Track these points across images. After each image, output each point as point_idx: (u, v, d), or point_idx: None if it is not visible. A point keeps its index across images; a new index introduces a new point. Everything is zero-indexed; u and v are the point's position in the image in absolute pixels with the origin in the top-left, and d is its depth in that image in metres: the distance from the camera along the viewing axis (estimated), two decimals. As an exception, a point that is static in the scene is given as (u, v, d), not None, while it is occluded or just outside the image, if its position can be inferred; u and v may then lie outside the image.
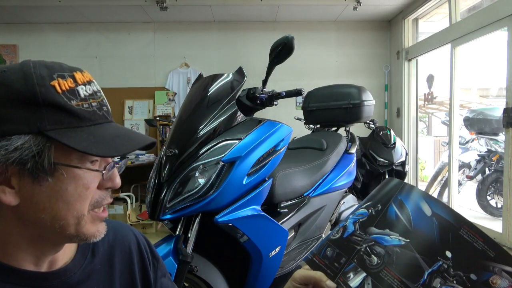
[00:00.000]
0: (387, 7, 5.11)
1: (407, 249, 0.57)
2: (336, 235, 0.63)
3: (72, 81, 0.56)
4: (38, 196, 0.54)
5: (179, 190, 1.42)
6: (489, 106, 6.51)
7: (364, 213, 0.63)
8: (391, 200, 0.62)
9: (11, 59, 5.56)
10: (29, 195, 0.54)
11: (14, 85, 0.52)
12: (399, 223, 0.60)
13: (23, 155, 0.51)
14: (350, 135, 2.65)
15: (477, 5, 4.22)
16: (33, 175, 0.53)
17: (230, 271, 1.62)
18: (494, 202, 4.46)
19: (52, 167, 0.54)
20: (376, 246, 0.58)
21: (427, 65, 5.86)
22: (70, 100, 0.55)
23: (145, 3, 4.77)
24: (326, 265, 0.60)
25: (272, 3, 4.84)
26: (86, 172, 0.57)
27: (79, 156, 0.56)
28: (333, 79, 5.43)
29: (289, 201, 1.96)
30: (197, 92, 1.63)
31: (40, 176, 0.53)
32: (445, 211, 0.59)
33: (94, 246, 0.68)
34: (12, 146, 0.51)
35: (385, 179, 0.68)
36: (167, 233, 2.82)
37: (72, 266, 0.63)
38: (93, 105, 0.58)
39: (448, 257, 0.55)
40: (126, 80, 5.61)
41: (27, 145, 0.52)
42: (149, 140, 0.63)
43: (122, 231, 0.74)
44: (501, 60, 3.43)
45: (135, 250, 0.74)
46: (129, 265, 0.72)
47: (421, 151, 6.41)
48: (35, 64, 0.57)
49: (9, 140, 0.51)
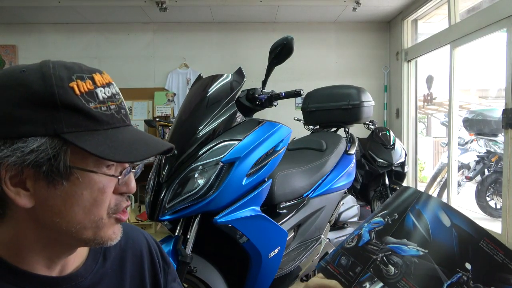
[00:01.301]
0: (386, 8, 5.11)
1: (426, 259, 0.56)
2: (351, 243, 0.61)
3: (91, 83, 0.56)
4: (53, 200, 0.53)
5: (179, 191, 1.41)
6: (488, 107, 6.51)
7: (380, 221, 0.62)
8: (408, 209, 0.61)
9: (11, 60, 5.56)
10: (44, 198, 0.53)
11: (33, 85, 0.51)
12: (417, 233, 0.59)
13: (39, 158, 0.50)
14: (349, 136, 2.65)
15: (476, 6, 4.23)
16: (48, 178, 0.52)
17: (230, 271, 1.62)
18: (493, 203, 4.46)
19: (67, 170, 0.52)
20: (393, 256, 0.57)
21: (426, 66, 5.87)
22: (88, 103, 0.54)
23: (144, 4, 4.77)
24: (341, 274, 0.59)
25: (272, 3, 4.84)
26: (101, 176, 0.55)
27: (95, 160, 0.54)
28: (332, 80, 5.43)
29: (289, 201, 1.96)
30: (197, 92, 1.63)
31: (56, 179, 0.52)
32: (465, 222, 0.58)
33: (105, 250, 0.67)
34: (28, 148, 0.50)
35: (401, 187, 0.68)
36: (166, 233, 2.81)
37: (84, 271, 0.62)
38: (111, 108, 0.57)
39: (467, 269, 0.54)
40: (125, 80, 5.60)
41: (43, 148, 0.50)
42: (166, 145, 0.61)
43: (133, 235, 0.73)
44: (500, 61, 3.43)
45: (146, 254, 0.73)
46: (139, 269, 0.71)
47: (421, 152, 6.42)
48: (54, 65, 0.56)
49: (25, 142, 0.50)
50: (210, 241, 1.65)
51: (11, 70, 0.54)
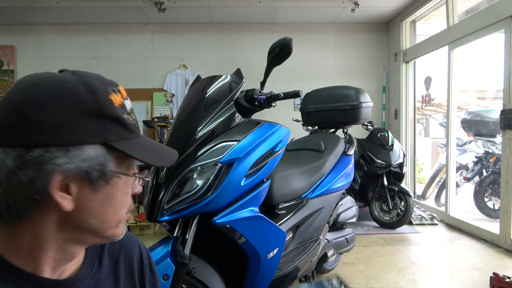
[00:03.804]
0: (385, 9, 5.12)
1: None
2: None
3: (121, 96, 0.60)
4: (93, 203, 0.57)
5: (177, 192, 1.41)
6: (486, 108, 6.52)
7: None
8: None
9: (9, 60, 5.55)
10: (85, 202, 0.56)
11: (83, 97, 0.55)
12: None
13: (91, 164, 0.55)
14: (348, 137, 2.65)
15: (474, 8, 4.24)
16: (94, 183, 0.56)
17: (228, 272, 1.61)
18: (491, 204, 4.47)
19: (111, 175, 0.58)
20: None
21: (424, 67, 5.88)
22: (123, 114, 0.59)
23: (143, 5, 4.77)
24: None
25: (271, 4, 4.85)
26: (129, 179, 0.62)
27: (128, 165, 0.61)
28: (331, 81, 5.44)
29: (287, 202, 1.96)
30: (195, 93, 1.63)
31: (100, 183, 0.57)
32: None
33: (101, 256, 0.69)
34: (84, 155, 0.54)
35: None
36: (165, 234, 2.80)
37: (81, 275, 0.64)
38: (134, 119, 0.62)
39: None
40: (124, 81, 5.58)
41: (95, 155, 0.55)
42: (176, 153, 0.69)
43: (127, 242, 0.76)
44: (498, 62, 3.44)
45: (137, 262, 0.76)
46: (131, 276, 0.74)
47: (419, 153, 6.43)
48: (90, 76, 0.59)
49: (81, 149, 0.54)
50: (209, 242, 1.65)
51: (52, 80, 0.55)
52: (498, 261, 3.01)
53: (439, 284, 2.58)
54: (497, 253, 3.20)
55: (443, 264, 2.96)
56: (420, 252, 3.27)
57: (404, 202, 3.92)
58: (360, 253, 3.23)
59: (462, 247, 3.38)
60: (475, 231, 3.72)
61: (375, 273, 2.78)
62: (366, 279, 2.65)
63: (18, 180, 0.52)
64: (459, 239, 3.64)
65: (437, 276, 2.72)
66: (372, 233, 3.89)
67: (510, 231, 3.23)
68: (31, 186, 0.52)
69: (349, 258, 3.08)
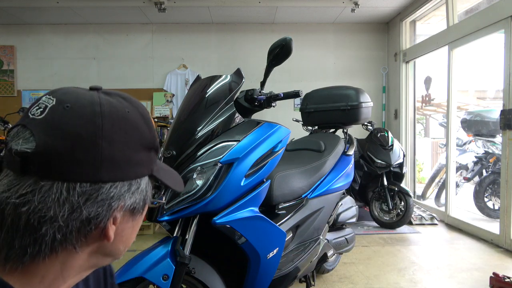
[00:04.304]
0: (385, 9, 5.12)
1: None
2: None
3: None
4: (127, 230, 0.56)
5: (177, 192, 1.41)
6: (486, 108, 6.52)
7: None
8: None
9: (9, 60, 5.55)
10: (122, 230, 0.55)
11: (144, 130, 0.54)
12: None
13: (140, 198, 0.54)
14: (348, 137, 2.65)
15: (474, 8, 4.24)
16: (135, 212, 0.55)
17: (228, 272, 1.61)
18: (491, 204, 4.47)
19: (146, 203, 0.57)
20: None
21: (424, 67, 5.88)
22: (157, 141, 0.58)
23: (143, 5, 4.77)
24: None
25: (271, 4, 4.85)
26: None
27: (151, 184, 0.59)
28: (331, 81, 5.44)
29: (287, 202, 1.96)
30: (195, 93, 1.63)
31: (140, 212, 0.56)
32: None
33: None
34: (140, 188, 0.54)
35: None
36: (164, 234, 2.81)
37: None
38: None
39: None
40: (124, 81, 5.60)
41: (145, 187, 0.55)
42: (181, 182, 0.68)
43: None
44: (498, 62, 3.44)
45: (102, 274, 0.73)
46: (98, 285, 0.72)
47: (419, 153, 6.43)
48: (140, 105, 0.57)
49: (139, 183, 0.53)
50: (209, 242, 1.65)
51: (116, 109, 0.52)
52: (498, 261, 3.01)
53: (439, 284, 2.58)
54: (497, 253, 3.20)
55: (443, 264, 2.96)
56: (420, 252, 3.27)
57: (404, 202, 3.92)
58: (360, 253, 3.23)
59: (462, 247, 3.38)
60: (475, 231, 3.72)
61: (375, 273, 2.78)
62: (366, 279, 2.65)
63: (79, 216, 0.48)
64: (459, 239, 3.64)
65: (437, 276, 2.72)
66: (372, 233, 3.89)
67: (510, 231, 3.23)
68: (91, 221, 0.49)
69: (349, 258, 3.08)
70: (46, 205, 0.46)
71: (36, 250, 0.48)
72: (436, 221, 4.21)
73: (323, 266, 2.60)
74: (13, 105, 5.23)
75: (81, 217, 0.48)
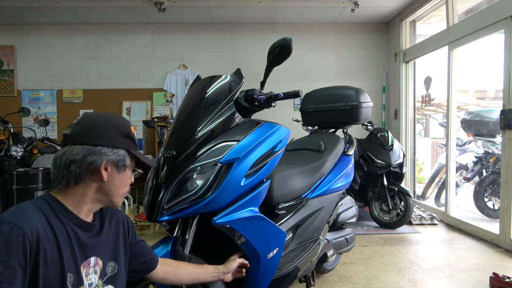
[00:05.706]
0: (384, 9, 5.13)
1: None
2: None
3: (133, 128, 1.14)
4: (115, 179, 1.07)
5: (177, 192, 1.41)
6: (486, 108, 6.52)
7: None
8: None
9: (9, 60, 5.55)
10: (112, 178, 1.07)
11: (120, 125, 1.10)
12: None
13: (120, 159, 1.07)
14: (348, 137, 2.65)
15: (474, 8, 4.24)
16: (119, 169, 1.07)
17: (228, 272, 1.61)
18: (491, 204, 4.47)
19: (127, 166, 1.10)
20: None
21: (424, 67, 5.88)
22: (134, 136, 1.13)
23: (143, 5, 4.77)
24: None
25: (270, 4, 4.85)
26: (130, 172, 1.13)
27: (133, 162, 1.13)
28: (331, 81, 5.45)
29: (287, 202, 1.96)
30: (195, 93, 1.63)
31: (121, 170, 1.08)
32: None
33: (102, 217, 1.15)
34: (118, 153, 1.06)
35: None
36: (164, 234, 2.81)
37: (96, 222, 1.11)
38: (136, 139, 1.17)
39: None
40: (124, 81, 5.60)
41: (122, 155, 1.08)
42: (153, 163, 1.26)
43: (117, 213, 1.23)
44: (498, 63, 3.44)
45: (122, 224, 1.22)
46: (118, 228, 1.19)
47: (419, 153, 6.43)
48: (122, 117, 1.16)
49: (117, 150, 1.06)
50: (209, 242, 1.65)
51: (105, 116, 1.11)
52: (497, 261, 3.01)
53: (439, 284, 2.58)
54: (497, 253, 3.20)
55: (443, 264, 2.96)
56: (420, 252, 3.27)
57: (404, 202, 3.92)
58: (360, 253, 3.23)
59: (462, 247, 3.38)
60: (475, 231, 3.73)
61: (375, 273, 2.78)
62: (366, 279, 2.66)
63: (86, 161, 1.01)
64: (458, 239, 3.64)
65: (437, 276, 2.72)
66: (372, 233, 3.89)
67: (510, 231, 3.23)
68: (91, 164, 1.02)
69: (349, 258, 3.08)
70: (72, 155, 1.01)
71: (68, 178, 1.02)
72: (436, 221, 4.21)
73: (323, 266, 2.60)
74: (13, 105, 5.23)
75: (87, 162, 1.02)
